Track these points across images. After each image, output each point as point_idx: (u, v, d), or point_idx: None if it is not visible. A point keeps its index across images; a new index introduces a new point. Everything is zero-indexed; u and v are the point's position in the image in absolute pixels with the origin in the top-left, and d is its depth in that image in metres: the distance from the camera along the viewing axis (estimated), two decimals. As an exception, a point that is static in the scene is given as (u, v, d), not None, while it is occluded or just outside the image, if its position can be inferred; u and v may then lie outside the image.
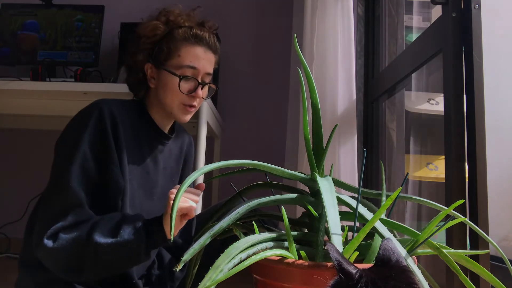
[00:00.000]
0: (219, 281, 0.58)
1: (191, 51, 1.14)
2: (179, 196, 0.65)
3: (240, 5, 2.58)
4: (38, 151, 2.44)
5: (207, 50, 1.17)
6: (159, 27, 1.16)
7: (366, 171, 1.79)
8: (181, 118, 1.17)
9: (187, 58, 1.14)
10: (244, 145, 2.47)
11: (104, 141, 1.03)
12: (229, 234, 0.81)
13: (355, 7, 1.80)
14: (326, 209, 0.65)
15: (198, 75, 1.15)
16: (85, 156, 0.99)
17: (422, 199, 0.84)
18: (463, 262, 0.73)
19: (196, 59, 1.14)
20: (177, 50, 1.14)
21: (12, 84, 1.90)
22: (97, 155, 1.01)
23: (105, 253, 0.92)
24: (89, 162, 1.00)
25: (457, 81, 1.13)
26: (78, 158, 0.98)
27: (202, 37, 1.15)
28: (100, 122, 1.03)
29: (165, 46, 1.14)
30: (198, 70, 1.14)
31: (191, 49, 1.14)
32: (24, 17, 2.31)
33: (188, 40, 1.14)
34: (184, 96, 1.13)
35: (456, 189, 1.09)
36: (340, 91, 1.65)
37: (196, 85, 1.14)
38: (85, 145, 1.00)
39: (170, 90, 1.13)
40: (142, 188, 1.13)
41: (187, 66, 1.13)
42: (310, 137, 0.78)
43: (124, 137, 1.07)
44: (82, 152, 0.99)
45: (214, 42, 1.19)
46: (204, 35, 1.16)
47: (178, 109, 1.15)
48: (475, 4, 1.10)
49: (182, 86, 1.12)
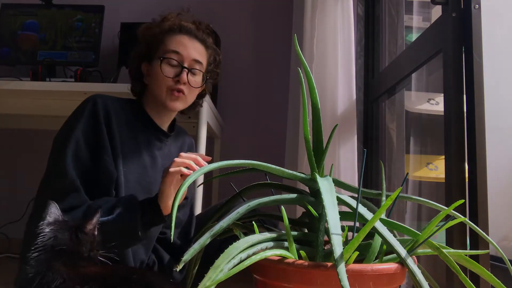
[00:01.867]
0: (219, 281, 0.58)
1: (175, 38, 1.18)
2: (177, 200, 0.65)
3: (240, 5, 2.58)
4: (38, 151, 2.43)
5: (192, 39, 1.20)
6: (152, 28, 1.21)
7: (366, 171, 1.79)
8: (170, 104, 1.17)
9: (171, 44, 1.17)
10: (244, 145, 2.47)
11: (96, 130, 1.06)
12: (229, 234, 0.81)
13: (355, 7, 1.80)
14: (326, 209, 0.65)
15: (184, 60, 1.17)
16: (77, 143, 1.02)
17: (422, 199, 0.84)
18: (463, 262, 0.73)
19: (179, 44, 1.17)
20: (163, 40, 1.18)
21: (12, 84, 1.90)
22: (90, 142, 1.04)
23: (101, 233, 0.92)
24: (82, 149, 1.03)
25: (457, 81, 1.13)
26: (71, 144, 1.01)
27: (187, 28, 1.19)
28: (93, 113, 1.07)
29: (155, 43, 1.19)
30: (182, 55, 1.17)
31: (175, 36, 1.18)
32: (24, 17, 2.31)
33: (173, 31, 1.19)
34: (169, 81, 1.15)
35: (456, 189, 1.09)
36: (340, 91, 1.65)
37: (180, 69, 1.16)
38: (78, 132, 1.03)
39: (156, 76, 1.16)
40: (139, 184, 1.13)
41: (170, 51, 1.16)
42: (310, 137, 0.78)
43: (118, 129, 1.09)
44: (75, 139, 1.02)
45: (202, 34, 1.22)
46: (189, 26, 1.20)
47: (166, 96, 1.16)
48: (475, 4, 1.10)
49: (165, 69, 1.15)
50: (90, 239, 0.80)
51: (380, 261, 0.71)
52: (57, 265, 0.73)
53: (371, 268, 0.64)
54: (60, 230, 0.78)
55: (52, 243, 0.75)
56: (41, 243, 0.75)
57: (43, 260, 0.73)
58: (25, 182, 2.36)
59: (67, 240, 0.77)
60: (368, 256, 0.71)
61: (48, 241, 0.75)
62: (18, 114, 2.24)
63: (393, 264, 0.66)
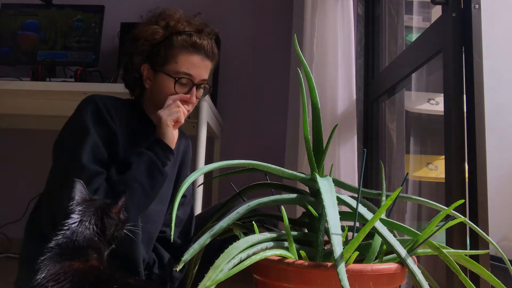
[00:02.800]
0: (219, 281, 0.58)
1: (188, 60, 1.16)
2: (177, 200, 0.65)
3: (240, 5, 2.58)
4: (38, 151, 2.44)
5: (204, 58, 1.19)
6: (158, 32, 1.17)
7: (366, 171, 1.79)
8: None
9: (184, 65, 1.16)
10: (244, 145, 2.47)
11: (106, 126, 1.07)
12: (229, 234, 0.81)
13: (355, 7, 1.80)
14: (326, 209, 0.65)
15: (194, 81, 1.17)
16: (93, 139, 1.03)
17: (422, 199, 0.84)
18: (463, 262, 0.73)
19: (192, 66, 1.16)
20: (175, 57, 1.16)
21: (12, 84, 1.91)
22: (104, 138, 1.05)
23: (128, 184, 0.99)
24: (99, 145, 1.04)
25: (457, 81, 1.13)
26: (88, 139, 1.02)
27: (200, 46, 1.17)
28: (97, 111, 1.07)
29: (163, 51, 1.16)
30: (193, 77, 1.17)
31: (188, 57, 1.16)
32: (24, 17, 2.31)
33: (186, 48, 1.16)
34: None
35: (456, 189, 1.09)
36: (340, 91, 1.65)
37: (190, 88, 1.17)
38: (91, 129, 1.04)
39: (165, 92, 1.15)
40: None
41: (183, 73, 1.16)
42: (310, 137, 0.78)
43: (120, 128, 1.10)
44: (91, 136, 1.03)
45: (212, 49, 1.20)
46: (202, 43, 1.18)
47: None
48: (475, 4, 1.10)
49: (177, 89, 1.15)
50: (115, 222, 0.83)
51: (380, 261, 0.71)
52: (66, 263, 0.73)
53: (371, 268, 0.64)
54: (86, 213, 0.80)
55: (76, 229, 0.78)
56: (66, 227, 0.77)
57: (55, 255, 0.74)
58: (25, 182, 2.37)
59: (93, 225, 0.79)
60: (368, 256, 0.71)
61: (73, 225, 0.78)
62: (18, 114, 2.24)
63: (393, 264, 0.66)
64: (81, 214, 0.80)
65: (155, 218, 1.19)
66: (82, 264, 0.74)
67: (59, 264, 0.73)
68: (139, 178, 1.02)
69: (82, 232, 0.78)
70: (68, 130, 1.09)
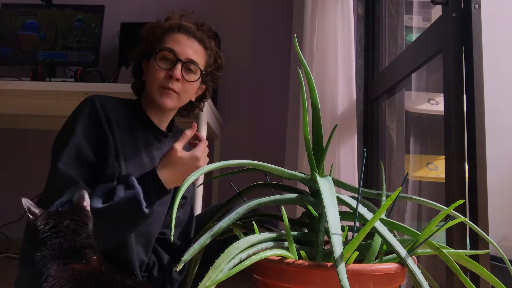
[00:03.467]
0: (219, 281, 0.58)
1: (173, 37, 1.18)
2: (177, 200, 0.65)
3: (240, 5, 2.58)
4: (38, 151, 2.44)
5: (190, 37, 1.19)
6: (159, 26, 1.20)
7: (366, 171, 1.79)
8: (161, 101, 1.15)
9: (168, 42, 1.17)
10: (244, 145, 2.47)
11: (98, 128, 1.05)
12: (229, 234, 0.81)
13: (355, 7, 1.80)
14: (326, 209, 0.65)
15: (177, 56, 1.16)
16: (78, 143, 1.01)
17: (422, 199, 0.84)
18: (463, 262, 0.73)
19: (176, 42, 1.17)
20: (162, 38, 1.18)
21: (12, 84, 1.90)
22: (92, 141, 1.04)
23: (106, 217, 0.93)
24: (83, 146, 1.02)
25: (457, 81, 1.13)
26: (71, 142, 1.01)
27: (187, 27, 1.19)
28: (93, 113, 1.06)
29: (154, 39, 1.19)
30: (177, 53, 1.16)
31: (172, 35, 1.18)
32: (24, 17, 2.31)
33: (172, 29, 1.18)
34: (161, 77, 1.14)
35: (456, 189, 1.09)
36: (340, 91, 1.65)
37: (174, 63, 1.15)
38: (79, 132, 1.02)
39: (150, 73, 1.16)
40: None
41: (166, 48, 1.16)
42: (310, 137, 0.78)
43: (117, 129, 1.09)
44: (75, 137, 1.01)
45: (201, 34, 1.21)
46: (189, 25, 1.19)
47: (157, 93, 1.15)
48: (475, 4, 1.10)
49: (159, 63, 1.15)
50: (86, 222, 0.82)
51: (380, 261, 0.71)
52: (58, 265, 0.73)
53: (371, 268, 0.64)
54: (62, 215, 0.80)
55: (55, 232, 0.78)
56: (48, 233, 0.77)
57: (48, 256, 0.74)
58: (25, 182, 2.37)
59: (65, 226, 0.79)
60: (368, 256, 0.71)
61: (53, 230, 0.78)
62: (18, 114, 2.24)
63: (393, 264, 0.66)
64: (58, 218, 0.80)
65: (155, 220, 1.19)
66: (83, 266, 0.74)
67: (61, 266, 0.73)
68: (116, 218, 0.96)
69: (72, 231, 0.78)
70: (60, 131, 1.09)
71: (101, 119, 1.06)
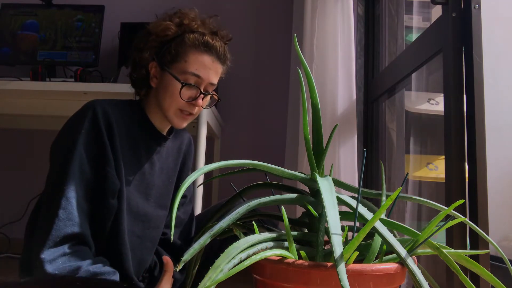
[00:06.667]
0: (219, 281, 0.58)
1: (199, 59, 1.11)
2: (177, 200, 0.65)
3: (240, 5, 2.58)
4: (38, 151, 2.45)
5: (215, 60, 1.14)
6: (171, 28, 1.13)
7: (366, 171, 1.79)
8: (177, 123, 1.14)
9: (193, 65, 1.11)
10: (244, 145, 2.47)
11: (99, 142, 1.01)
12: (229, 234, 0.81)
13: (355, 7, 1.80)
14: (326, 209, 0.65)
15: (202, 84, 1.12)
16: (80, 158, 0.97)
17: (422, 199, 0.84)
18: (463, 262, 0.73)
19: (202, 67, 1.11)
20: (185, 55, 1.11)
21: (12, 84, 1.91)
22: (92, 156, 1.00)
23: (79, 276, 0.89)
24: (84, 163, 0.98)
25: (457, 81, 1.13)
26: (74, 162, 0.96)
27: (212, 46, 1.13)
28: (94, 124, 1.01)
29: (174, 48, 1.12)
30: (202, 79, 1.11)
31: (198, 56, 1.11)
32: (24, 17, 2.31)
33: (197, 47, 1.11)
34: (183, 103, 1.11)
35: (456, 189, 1.09)
36: (340, 91, 1.65)
37: (198, 94, 1.12)
38: (80, 147, 0.98)
39: (170, 94, 1.11)
40: (138, 190, 1.12)
41: (191, 73, 1.10)
42: (310, 137, 0.78)
43: (119, 138, 1.05)
44: (78, 155, 0.97)
45: (224, 52, 1.16)
46: (215, 44, 1.13)
47: (174, 114, 1.13)
48: (475, 4, 1.10)
49: (183, 93, 1.10)
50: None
51: (380, 261, 0.71)
52: None
53: (371, 268, 0.64)
54: None
55: None
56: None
57: None
58: (25, 182, 2.37)
59: None
60: (368, 256, 0.71)
61: None
62: (18, 114, 2.24)
63: (393, 264, 0.66)
64: None
65: (158, 224, 1.19)
66: None
67: None
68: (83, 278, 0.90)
69: None
70: (60, 139, 1.05)
71: (103, 133, 1.02)
